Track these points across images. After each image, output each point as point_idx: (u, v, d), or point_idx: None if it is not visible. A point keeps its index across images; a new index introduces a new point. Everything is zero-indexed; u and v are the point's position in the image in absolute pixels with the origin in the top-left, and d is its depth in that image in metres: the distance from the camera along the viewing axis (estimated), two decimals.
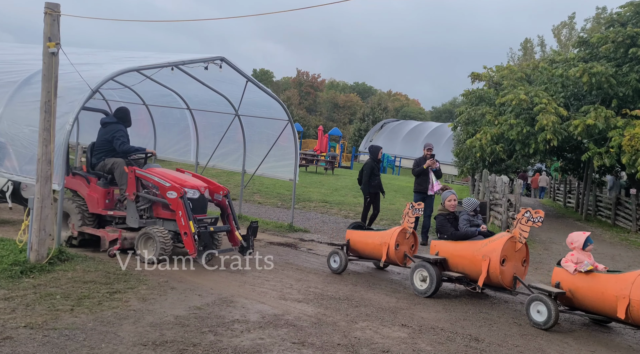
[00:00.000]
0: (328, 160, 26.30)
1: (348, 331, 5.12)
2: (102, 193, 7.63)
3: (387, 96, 72.12)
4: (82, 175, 7.78)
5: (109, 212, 7.60)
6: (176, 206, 7.00)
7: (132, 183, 7.41)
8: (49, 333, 4.44)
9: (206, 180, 7.92)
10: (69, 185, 7.72)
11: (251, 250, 7.69)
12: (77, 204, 7.66)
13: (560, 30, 39.57)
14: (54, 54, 6.44)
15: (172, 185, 7.11)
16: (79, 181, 7.79)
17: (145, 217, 7.43)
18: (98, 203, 7.60)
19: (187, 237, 6.85)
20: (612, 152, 13.52)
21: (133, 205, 7.41)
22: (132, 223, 7.43)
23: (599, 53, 15.87)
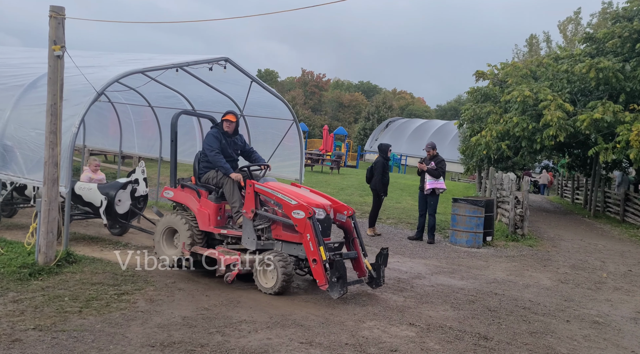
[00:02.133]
0: (334, 159, 26.28)
1: (355, 330, 5.10)
2: (213, 209, 6.70)
3: (392, 95, 71.96)
4: (192, 187, 6.88)
5: (221, 231, 6.65)
6: (303, 228, 6.03)
7: (250, 199, 6.46)
8: (57, 335, 4.46)
9: (328, 197, 6.88)
10: (177, 198, 7.00)
11: (382, 282, 6.60)
12: (186, 220, 6.74)
13: (565, 25, 39.27)
14: (59, 57, 6.47)
15: (299, 203, 6.13)
16: (188, 194, 6.90)
17: (263, 238, 6.48)
18: (209, 220, 6.66)
19: (317, 265, 5.91)
20: (619, 147, 13.41)
21: (250, 224, 6.42)
22: (249, 245, 6.43)
23: (605, 48, 15.74)
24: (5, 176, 7.67)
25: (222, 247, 6.67)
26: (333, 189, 17.94)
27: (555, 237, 12.79)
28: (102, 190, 8.25)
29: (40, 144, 6.97)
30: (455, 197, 11.23)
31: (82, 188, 8.37)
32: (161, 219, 7.03)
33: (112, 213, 8.26)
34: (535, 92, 15.01)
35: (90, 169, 9.00)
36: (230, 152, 7.05)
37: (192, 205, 6.85)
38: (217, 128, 7.01)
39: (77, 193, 8.30)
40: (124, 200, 8.35)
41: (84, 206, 8.45)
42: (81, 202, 8.43)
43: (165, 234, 6.98)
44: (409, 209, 14.57)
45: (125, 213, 8.47)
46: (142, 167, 8.54)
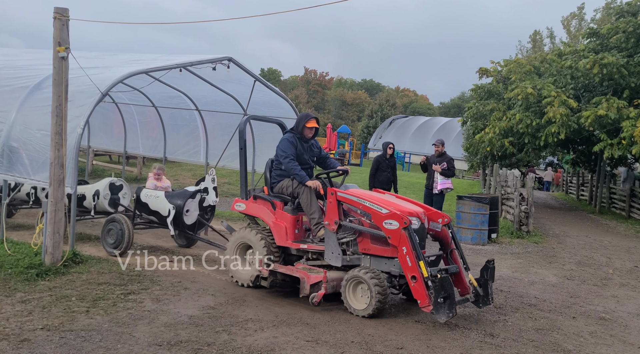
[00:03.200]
0: (337, 157, 26.27)
1: (361, 328, 5.11)
2: (290, 222, 6.09)
3: (395, 92, 71.86)
4: (266, 199, 6.31)
5: (301, 245, 6.00)
6: (398, 241, 5.33)
7: (332, 209, 5.77)
8: (65, 335, 4.49)
9: (419, 203, 6.19)
10: (250, 211, 6.45)
11: (491, 300, 5.74)
12: (261, 235, 6.19)
13: (569, 21, 39.08)
14: (64, 59, 6.50)
15: (392, 211, 5.43)
16: (262, 206, 6.33)
17: (349, 253, 5.77)
18: (287, 234, 6.06)
19: (417, 283, 5.18)
20: (624, 143, 13.34)
21: (334, 238, 5.73)
22: (333, 261, 5.76)
23: (609, 43, 15.66)
24: (11, 177, 7.71)
25: (301, 264, 6.02)
26: None
27: (560, 234, 12.75)
28: (170, 199, 7.66)
29: (45, 145, 7.01)
30: (460, 194, 11.21)
31: (148, 196, 7.84)
32: (233, 234, 6.48)
33: (180, 223, 7.61)
34: (539, 88, 14.95)
35: (154, 176, 8.38)
36: (306, 158, 6.39)
37: (266, 218, 6.25)
38: (292, 132, 6.37)
39: (143, 201, 7.83)
40: (192, 210, 7.67)
41: (150, 216, 7.87)
42: (147, 211, 7.85)
43: (238, 250, 6.40)
44: None
45: (192, 224, 7.79)
46: (213, 175, 7.78)
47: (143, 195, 7.90)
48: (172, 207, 7.54)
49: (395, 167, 10.78)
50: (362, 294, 5.47)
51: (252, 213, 6.46)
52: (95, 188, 8.36)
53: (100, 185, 8.39)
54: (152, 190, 8.02)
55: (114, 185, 8.40)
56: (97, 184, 8.46)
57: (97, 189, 8.29)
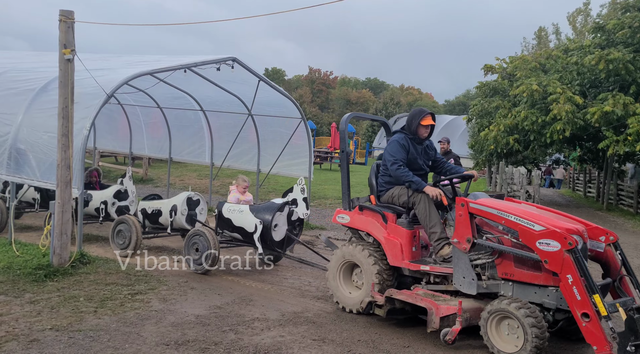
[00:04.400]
0: None
1: (368, 327, 5.11)
2: (406, 237, 5.17)
3: (400, 91, 71.75)
4: (375, 210, 5.45)
5: (422, 267, 5.04)
6: (560, 266, 4.24)
7: (464, 224, 4.74)
8: (74, 335, 4.53)
9: (573, 218, 5.04)
10: (355, 224, 5.58)
11: None
12: (369, 253, 5.30)
13: (575, 17, 38.81)
14: (70, 61, 6.54)
15: (549, 229, 4.34)
16: (370, 218, 5.45)
17: (485, 278, 4.73)
18: (402, 252, 5.14)
19: (591, 323, 4.08)
20: (630, 140, 13.26)
21: (465, 259, 4.72)
22: (465, 287, 4.73)
23: (615, 39, 15.55)
24: (19, 179, 7.77)
25: (420, 288, 5.11)
26: None
27: None
28: (256, 213, 6.82)
29: (52, 147, 7.06)
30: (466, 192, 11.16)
31: (231, 210, 7.05)
32: (336, 251, 5.63)
33: (267, 240, 6.74)
34: (545, 85, 14.88)
35: (238, 189, 7.58)
36: (420, 163, 5.49)
37: (376, 232, 5.35)
38: (403, 133, 5.50)
39: (226, 217, 7.02)
40: (280, 224, 6.82)
41: (233, 232, 7.06)
42: (229, 227, 7.04)
43: (342, 270, 5.57)
44: None
45: (281, 240, 6.89)
46: (302, 185, 7.08)
47: (225, 209, 7.08)
48: (259, 222, 6.70)
49: None
50: (510, 332, 4.43)
51: (358, 226, 5.57)
52: (172, 203, 7.74)
53: (177, 200, 7.75)
54: (235, 204, 7.22)
55: (191, 200, 7.75)
56: (174, 199, 7.84)
57: (175, 204, 7.67)
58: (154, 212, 7.86)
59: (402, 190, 5.34)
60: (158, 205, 7.90)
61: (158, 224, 7.89)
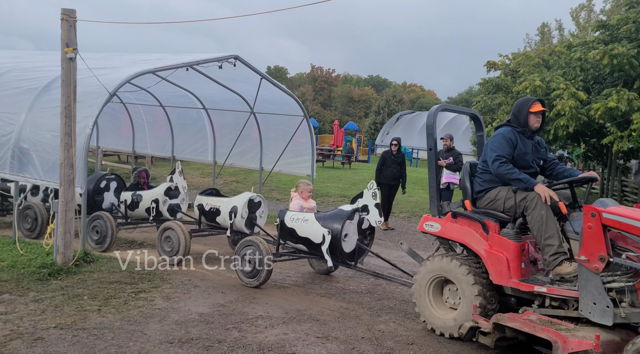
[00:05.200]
0: (345, 154, 26.25)
1: (372, 324, 5.11)
2: (514, 251, 4.43)
3: (402, 88, 71.63)
4: (473, 217, 4.71)
5: (535, 288, 4.26)
6: None
7: (596, 238, 3.95)
8: (78, 333, 4.54)
9: None
10: (449, 233, 4.87)
11: None
12: (468, 268, 4.58)
13: (578, 12, 38.63)
14: (72, 60, 6.55)
15: None
16: (466, 227, 4.73)
17: (624, 305, 3.87)
18: (509, 269, 4.39)
19: None
20: (634, 135, 13.20)
21: (596, 281, 3.93)
22: (597, 316, 3.92)
23: (619, 34, 15.46)
24: (22, 178, 7.79)
25: (531, 312, 4.31)
26: (345, 184, 17.95)
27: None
28: (323, 222, 6.14)
29: (55, 146, 7.07)
30: None
31: (295, 219, 6.37)
32: (425, 264, 4.95)
33: (337, 251, 6.04)
34: (548, 81, 14.82)
35: (301, 196, 6.90)
36: (530, 160, 4.76)
37: (475, 244, 4.62)
38: (509, 126, 4.80)
39: (289, 226, 6.39)
40: (351, 234, 6.12)
41: (297, 243, 6.42)
42: (293, 238, 6.41)
43: (431, 286, 4.89)
44: (421, 203, 14.52)
45: (352, 252, 6.18)
46: (373, 190, 6.18)
47: (288, 218, 6.42)
48: (327, 232, 6.00)
49: (403, 163, 10.77)
50: None
51: (451, 236, 4.85)
52: (232, 203, 7.18)
53: (238, 201, 7.17)
54: (298, 212, 6.55)
55: (252, 202, 7.19)
56: (235, 199, 7.29)
57: (235, 206, 7.09)
58: (211, 210, 7.38)
59: (508, 193, 4.55)
60: (217, 203, 7.39)
61: (215, 223, 7.44)
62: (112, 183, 8.69)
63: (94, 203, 8.38)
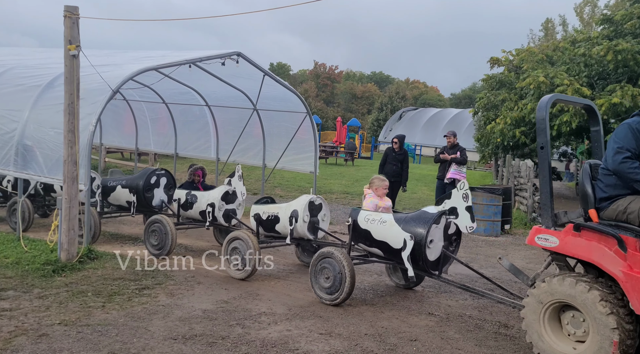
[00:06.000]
0: (347, 151, 26.23)
1: (375, 320, 5.11)
2: None
3: (405, 84, 71.47)
4: (605, 231, 3.91)
5: None
6: None
7: None
8: (82, 329, 4.56)
9: None
10: (570, 249, 4.08)
11: None
12: (601, 294, 3.79)
13: (582, 8, 38.43)
14: (75, 57, 6.55)
15: None
16: (595, 243, 3.95)
17: None
18: None
19: None
20: None
21: None
22: None
23: (623, 30, 15.38)
24: (26, 175, 7.82)
25: None
26: (348, 181, 17.94)
27: None
28: (404, 225, 5.43)
29: (59, 143, 7.09)
30: (472, 186, 11.14)
31: (370, 220, 5.67)
32: (539, 286, 4.12)
33: (420, 259, 5.31)
34: (552, 77, 14.76)
35: (376, 193, 6.20)
36: None
37: (608, 263, 3.82)
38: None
39: (363, 228, 5.69)
40: (436, 240, 5.38)
41: (371, 247, 5.75)
42: (367, 240, 5.70)
43: (547, 312, 4.08)
44: (424, 199, 14.50)
45: (437, 260, 5.44)
46: (464, 190, 5.32)
47: (362, 219, 5.75)
48: (409, 237, 5.29)
49: (405, 160, 10.76)
50: None
51: (576, 253, 4.03)
52: (291, 208, 6.59)
53: (298, 204, 6.59)
54: (373, 212, 5.87)
55: (313, 204, 6.62)
56: (294, 203, 6.67)
57: (295, 210, 6.52)
58: (269, 218, 6.71)
59: (627, 203, 3.84)
60: (274, 210, 6.77)
61: (274, 232, 6.80)
62: (162, 179, 8.40)
63: (144, 200, 8.15)
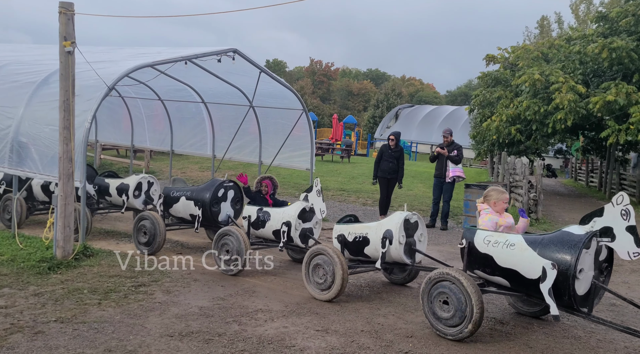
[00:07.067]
0: (344, 148, 26.24)
1: (371, 317, 5.13)
2: None
3: (401, 81, 71.48)
4: None
5: None
6: None
7: None
8: (78, 327, 4.55)
9: None
10: None
11: None
12: None
13: (578, 5, 38.53)
14: (70, 53, 6.52)
15: None
16: None
17: None
18: None
19: None
20: (632, 129, 13.21)
21: None
22: None
23: (618, 27, 15.43)
24: (21, 172, 7.78)
25: None
26: (344, 178, 17.95)
27: (570, 221, 12.67)
28: (540, 250, 4.42)
29: (54, 140, 7.06)
30: (468, 183, 11.17)
31: (493, 242, 4.66)
32: None
33: (566, 293, 4.29)
34: (547, 74, 14.81)
35: (495, 208, 5.19)
36: None
37: None
38: None
39: (483, 252, 4.73)
40: (586, 269, 4.37)
41: (494, 275, 4.75)
42: (489, 267, 4.74)
43: None
44: (420, 196, 14.54)
45: (586, 293, 4.47)
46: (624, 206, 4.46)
47: (481, 240, 4.75)
48: (550, 265, 4.28)
49: (401, 157, 10.77)
50: None
51: None
52: (383, 228, 5.65)
53: (391, 223, 5.64)
54: (495, 232, 4.85)
55: (408, 223, 5.69)
56: (386, 222, 5.72)
57: (389, 230, 5.59)
58: (357, 240, 5.83)
59: None
60: (362, 230, 5.86)
61: (362, 255, 5.90)
62: (229, 192, 7.60)
63: (210, 215, 7.35)
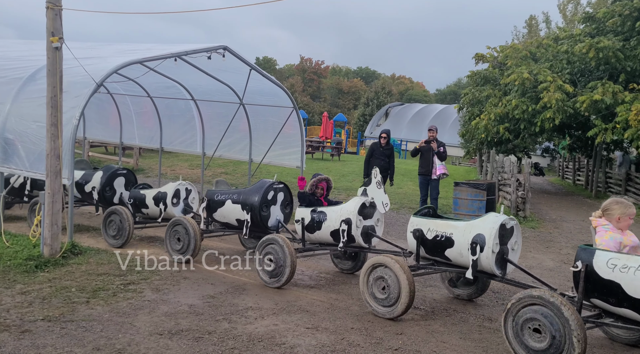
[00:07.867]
0: (334, 146, 26.26)
1: (361, 315, 5.16)
2: None
3: (391, 80, 71.67)
4: None
5: None
6: None
7: None
8: (66, 325, 4.51)
9: None
10: None
11: None
12: None
13: (565, 5, 38.91)
14: (58, 49, 6.44)
15: None
16: None
17: None
18: None
19: None
20: (619, 128, 13.39)
21: None
22: None
23: (605, 27, 15.62)
24: (7, 169, 7.68)
25: None
26: (334, 176, 17.98)
27: (557, 218, 12.82)
28: None
29: (41, 137, 6.98)
30: (457, 181, 11.26)
31: (621, 267, 3.90)
32: None
33: None
34: (535, 73, 14.95)
35: (616, 225, 4.46)
36: None
37: None
38: None
39: (607, 278, 3.97)
40: None
41: (619, 306, 3.96)
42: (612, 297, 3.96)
43: None
44: (410, 194, 14.60)
45: None
46: None
47: (604, 263, 4.00)
48: None
49: (392, 155, 10.83)
50: None
51: None
52: (474, 230, 4.91)
53: (485, 227, 4.86)
54: (620, 253, 4.08)
55: (504, 228, 4.90)
56: (479, 224, 4.93)
57: (480, 234, 4.84)
58: (438, 239, 5.15)
59: None
60: (447, 228, 5.12)
61: (441, 257, 5.21)
62: (279, 195, 6.97)
63: (259, 220, 6.70)
